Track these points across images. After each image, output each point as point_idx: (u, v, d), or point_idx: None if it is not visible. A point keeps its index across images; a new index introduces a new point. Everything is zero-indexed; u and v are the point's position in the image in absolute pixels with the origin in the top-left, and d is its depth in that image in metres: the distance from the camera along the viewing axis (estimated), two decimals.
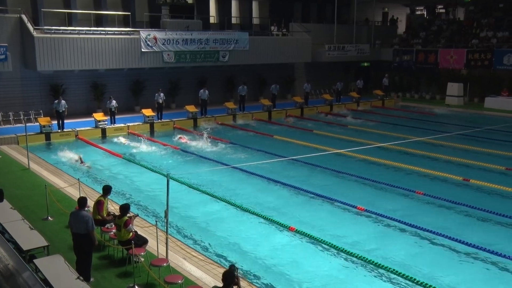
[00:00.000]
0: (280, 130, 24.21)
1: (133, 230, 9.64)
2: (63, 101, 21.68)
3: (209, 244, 10.94)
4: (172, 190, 9.44)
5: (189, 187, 14.82)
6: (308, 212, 12.97)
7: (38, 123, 21.32)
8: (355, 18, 37.43)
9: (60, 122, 21.61)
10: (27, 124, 17.93)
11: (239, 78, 29.81)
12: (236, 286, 6.70)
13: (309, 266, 9.96)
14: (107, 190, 10.46)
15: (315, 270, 9.77)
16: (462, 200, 13.47)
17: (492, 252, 10.36)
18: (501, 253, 10.27)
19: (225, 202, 13.52)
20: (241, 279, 7.36)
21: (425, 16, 45.71)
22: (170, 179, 9.23)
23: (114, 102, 23.03)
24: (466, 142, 21.12)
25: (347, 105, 31.49)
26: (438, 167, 17.05)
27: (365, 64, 38.17)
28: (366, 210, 12.81)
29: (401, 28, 43.57)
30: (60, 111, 21.50)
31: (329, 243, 10.79)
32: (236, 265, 7.21)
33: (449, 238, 11.07)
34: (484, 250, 10.47)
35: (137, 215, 10.31)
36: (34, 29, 22.97)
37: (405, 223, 11.92)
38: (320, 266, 9.96)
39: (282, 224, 11.86)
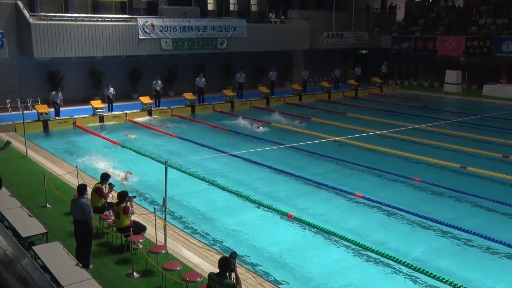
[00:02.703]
0: (278, 117, 24.15)
1: (134, 212, 9.71)
2: (60, 93, 21.63)
3: (208, 231, 10.99)
4: (170, 177, 9.46)
5: (188, 174, 14.84)
6: (306, 199, 13.01)
7: (35, 111, 21.27)
8: (353, 5, 37.17)
9: (56, 111, 21.57)
10: (25, 112, 17.87)
11: (237, 65, 29.70)
12: (233, 273, 6.74)
13: (307, 253, 10.02)
14: (105, 177, 10.50)
15: (314, 257, 9.83)
16: (459, 187, 13.52)
17: (487, 238, 10.44)
18: (496, 239, 10.36)
19: (224, 189, 13.56)
20: (238, 266, 7.40)
21: (424, 3, 45.41)
22: (168, 167, 9.25)
23: (111, 89, 22.96)
24: (464, 129, 21.15)
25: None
26: (435, 154, 17.09)
27: (364, 51, 38.03)
28: (363, 197, 12.86)
29: (400, 15, 43.30)
30: (58, 102, 21.46)
31: (327, 230, 10.85)
32: (236, 253, 7.23)
33: (445, 224, 11.14)
34: (480, 236, 10.54)
35: (135, 197, 10.35)
36: (31, 15, 22.79)
37: (402, 210, 11.98)
38: (319, 254, 10.01)
39: (281, 211, 11.91)
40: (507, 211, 12.17)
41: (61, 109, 21.82)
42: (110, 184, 10.61)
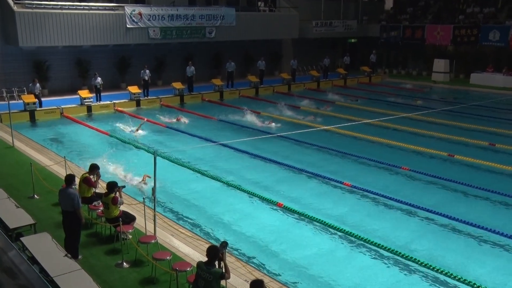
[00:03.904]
0: (267, 106, 24.13)
1: (123, 202, 9.68)
2: (37, 84, 21.40)
3: (197, 220, 10.99)
4: (159, 167, 9.43)
5: (177, 164, 14.80)
6: (295, 188, 13.06)
7: (21, 101, 20.99)
8: None
9: (38, 101, 21.32)
10: (10, 102, 17.63)
11: (226, 54, 29.55)
12: (222, 262, 6.76)
13: (296, 241, 10.08)
14: (93, 168, 10.44)
15: (302, 245, 9.90)
16: (446, 175, 13.66)
17: (475, 226, 10.58)
18: (483, 226, 10.50)
19: (212, 178, 13.55)
20: (228, 255, 7.42)
21: None
22: (157, 156, 9.21)
23: (99, 79, 22.74)
24: (452, 118, 21.32)
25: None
26: (423, 143, 17.23)
27: (353, 40, 38.05)
28: (352, 186, 12.94)
29: (389, 3, 43.30)
30: (37, 93, 21.23)
31: (316, 218, 10.91)
32: (226, 242, 7.24)
33: (433, 212, 11.25)
34: (467, 223, 10.68)
35: (124, 186, 10.31)
36: (15, 3, 22.37)
37: (390, 198, 12.08)
38: (308, 241, 10.08)
39: (270, 200, 11.95)
40: (492, 198, 12.34)
41: (48, 99, 21.58)
42: (97, 173, 10.56)
